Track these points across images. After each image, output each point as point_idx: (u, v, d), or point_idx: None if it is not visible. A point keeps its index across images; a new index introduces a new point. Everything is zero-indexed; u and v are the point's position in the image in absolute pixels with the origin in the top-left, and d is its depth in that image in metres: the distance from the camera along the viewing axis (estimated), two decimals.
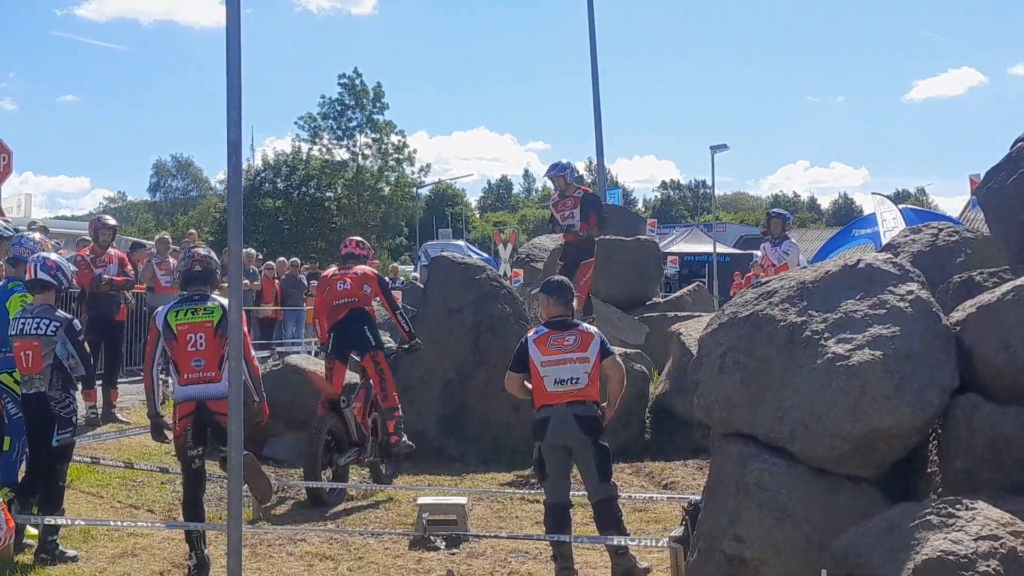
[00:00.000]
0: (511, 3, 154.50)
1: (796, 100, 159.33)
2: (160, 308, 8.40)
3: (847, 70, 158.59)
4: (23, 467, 8.52)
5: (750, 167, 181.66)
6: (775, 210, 16.17)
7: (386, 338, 13.03)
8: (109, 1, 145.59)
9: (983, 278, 6.93)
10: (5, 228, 10.88)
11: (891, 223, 23.54)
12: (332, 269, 11.78)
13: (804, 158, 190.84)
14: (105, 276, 13.08)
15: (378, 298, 11.16)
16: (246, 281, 18.48)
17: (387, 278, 14.35)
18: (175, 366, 7.93)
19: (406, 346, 11.23)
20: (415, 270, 35.69)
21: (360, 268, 11.04)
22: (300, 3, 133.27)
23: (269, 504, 9.39)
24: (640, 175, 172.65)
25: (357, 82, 60.01)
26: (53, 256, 8.69)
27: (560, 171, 13.86)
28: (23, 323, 8.13)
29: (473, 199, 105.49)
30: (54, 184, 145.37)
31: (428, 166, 66.87)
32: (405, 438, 10.73)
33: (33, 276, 8.33)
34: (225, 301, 7.69)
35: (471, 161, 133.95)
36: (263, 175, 60.67)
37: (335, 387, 10.65)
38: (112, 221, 14.26)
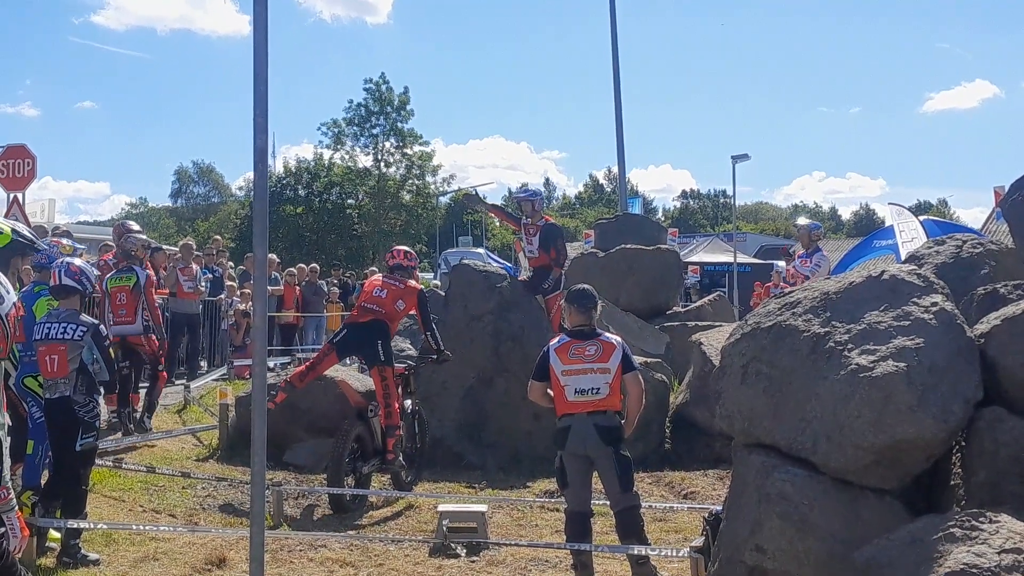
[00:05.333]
0: (524, 12, 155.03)
1: (809, 111, 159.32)
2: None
3: (860, 82, 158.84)
4: (46, 470, 8.57)
5: (765, 177, 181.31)
6: (800, 223, 16.11)
7: (407, 345, 13.08)
8: (126, 9, 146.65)
9: (1007, 290, 6.90)
10: (33, 238, 10.92)
11: (909, 234, 23.42)
12: (378, 276, 11.82)
13: (819, 169, 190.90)
14: None
15: (412, 312, 11.21)
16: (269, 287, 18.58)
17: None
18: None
19: (434, 356, 11.23)
20: (435, 277, 35.76)
21: (407, 283, 11.06)
22: (314, 13, 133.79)
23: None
24: (656, 184, 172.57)
25: (383, 88, 59.99)
26: (77, 261, 8.73)
27: (532, 196, 14.27)
28: (48, 328, 8.18)
29: None
30: (73, 189, 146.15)
31: (452, 176, 66.80)
32: (401, 458, 10.76)
33: (58, 282, 8.37)
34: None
35: (486, 169, 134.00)
36: (285, 181, 60.80)
37: (319, 372, 10.83)
38: (136, 227, 14.36)
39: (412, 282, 11.16)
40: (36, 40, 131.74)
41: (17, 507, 5.10)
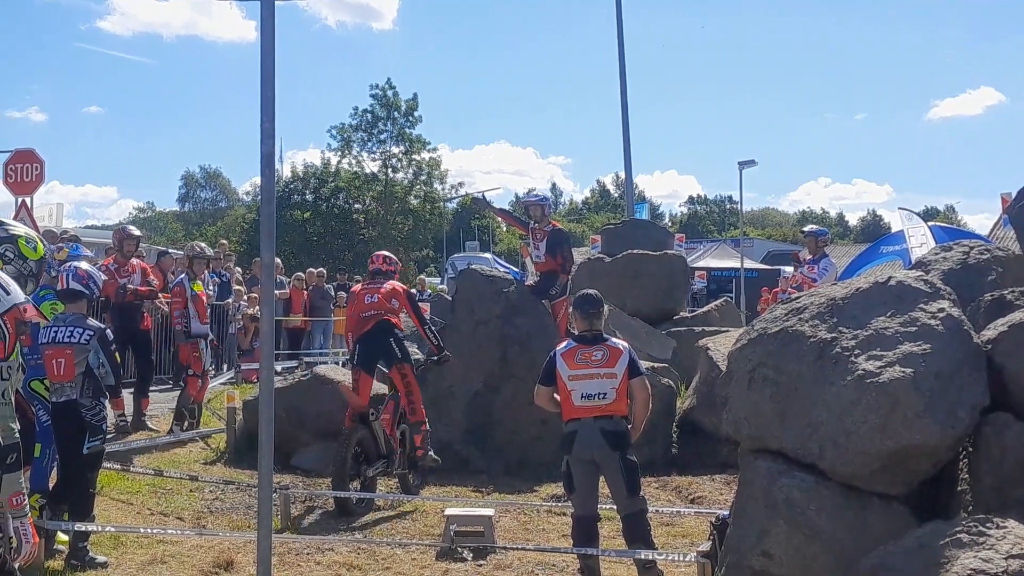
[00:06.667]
0: (529, 17, 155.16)
1: (815, 117, 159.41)
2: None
3: (865, 89, 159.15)
4: (53, 474, 8.59)
5: (771, 183, 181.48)
6: (807, 229, 16.09)
7: (413, 349, 13.08)
8: (132, 15, 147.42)
9: (1014, 296, 6.88)
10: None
11: (919, 239, 23.34)
12: (359, 285, 11.83)
13: (825, 175, 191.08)
14: (130, 286, 13.19)
15: (406, 311, 11.20)
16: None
17: (414, 290, 14.45)
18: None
19: (435, 358, 11.24)
20: (442, 282, 35.77)
21: (389, 284, 11.03)
22: (319, 19, 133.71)
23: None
24: (662, 190, 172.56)
25: (389, 94, 60.07)
26: (84, 266, 8.77)
27: (541, 201, 14.46)
28: (55, 331, 8.20)
29: None
30: (80, 194, 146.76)
31: (461, 184, 66.88)
32: (431, 452, 10.76)
33: (65, 286, 8.40)
34: None
35: (492, 174, 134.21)
36: (292, 186, 60.87)
37: (362, 399, 10.67)
38: (137, 232, 14.41)
39: (394, 282, 11.16)
40: (42, 45, 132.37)
41: (29, 513, 5.11)
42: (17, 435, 4.99)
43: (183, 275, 13.78)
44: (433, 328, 11.23)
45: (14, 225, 6.45)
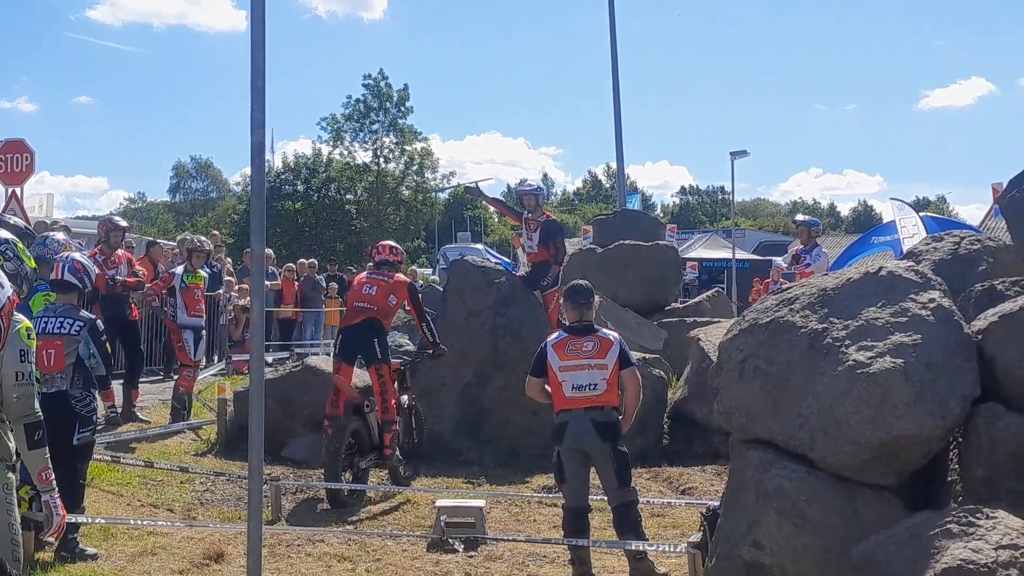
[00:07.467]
0: (521, 7, 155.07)
1: (805, 108, 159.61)
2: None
3: (855, 79, 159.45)
4: None
5: (762, 174, 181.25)
6: (799, 218, 16.12)
7: (404, 340, 13.07)
8: (122, 4, 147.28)
9: (1005, 287, 6.90)
10: (27, 227, 10.87)
11: (911, 229, 23.37)
12: (363, 274, 11.80)
13: (816, 165, 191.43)
14: (119, 277, 13.17)
15: (406, 306, 11.18)
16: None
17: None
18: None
19: (430, 351, 11.23)
20: (434, 273, 35.75)
21: (395, 276, 11.01)
22: (309, 9, 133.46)
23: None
24: (654, 180, 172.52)
25: (382, 84, 59.97)
26: (81, 258, 8.74)
27: (535, 191, 14.42)
28: (46, 322, 8.16)
29: None
30: (70, 184, 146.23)
31: (452, 173, 66.81)
32: (398, 453, 10.75)
33: (60, 276, 8.37)
34: None
35: (484, 165, 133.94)
36: (283, 177, 60.74)
37: (346, 389, 10.65)
38: (123, 222, 14.38)
39: (399, 275, 11.14)
40: (32, 35, 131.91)
41: (56, 489, 5.22)
42: (40, 413, 5.14)
43: (179, 266, 13.79)
44: (432, 326, 11.18)
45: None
